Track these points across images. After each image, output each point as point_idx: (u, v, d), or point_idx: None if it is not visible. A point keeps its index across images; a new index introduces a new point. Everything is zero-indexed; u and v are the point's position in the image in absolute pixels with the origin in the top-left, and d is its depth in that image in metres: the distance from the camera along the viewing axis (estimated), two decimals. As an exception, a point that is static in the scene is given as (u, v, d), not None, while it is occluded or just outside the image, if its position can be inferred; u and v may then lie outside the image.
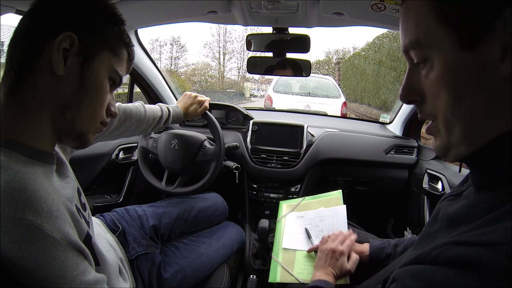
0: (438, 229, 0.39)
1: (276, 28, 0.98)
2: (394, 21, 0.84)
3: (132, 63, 0.57)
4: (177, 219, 0.98)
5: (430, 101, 0.37)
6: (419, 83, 0.37)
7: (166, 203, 1.03)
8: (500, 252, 0.27)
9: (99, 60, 0.48)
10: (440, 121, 0.36)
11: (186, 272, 0.87)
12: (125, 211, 0.93)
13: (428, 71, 0.35)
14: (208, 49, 17.71)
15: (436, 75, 0.34)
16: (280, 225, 0.99)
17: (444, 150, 0.38)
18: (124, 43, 0.52)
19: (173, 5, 0.92)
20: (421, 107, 0.39)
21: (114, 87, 0.53)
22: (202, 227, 1.05)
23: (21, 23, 0.46)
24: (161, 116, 0.96)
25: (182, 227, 0.99)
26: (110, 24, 0.50)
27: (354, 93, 9.63)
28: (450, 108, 0.34)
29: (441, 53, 0.34)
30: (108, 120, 0.55)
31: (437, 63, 0.34)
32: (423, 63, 0.36)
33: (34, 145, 0.45)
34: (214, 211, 1.09)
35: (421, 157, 1.36)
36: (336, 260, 0.73)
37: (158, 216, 0.94)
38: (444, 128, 0.36)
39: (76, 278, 0.42)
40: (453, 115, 0.34)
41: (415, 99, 0.39)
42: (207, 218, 1.06)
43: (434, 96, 0.35)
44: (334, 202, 1.00)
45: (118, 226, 0.86)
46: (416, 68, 0.37)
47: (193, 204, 1.05)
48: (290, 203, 1.07)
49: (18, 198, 0.39)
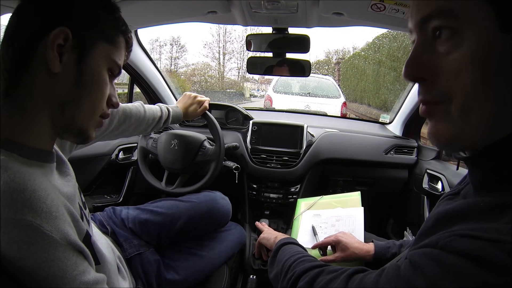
0: (436, 225, 0.39)
1: (276, 28, 0.98)
2: (394, 21, 0.84)
3: (131, 50, 0.55)
4: (161, 229, 0.90)
5: (446, 80, 0.33)
6: (431, 59, 0.34)
7: (154, 207, 0.94)
8: (502, 250, 0.27)
9: (96, 52, 0.47)
10: (457, 103, 0.32)
11: (187, 273, 0.87)
12: (112, 212, 0.92)
13: (454, 46, 0.32)
14: (208, 49, 17.70)
15: (465, 52, 0.31)
16: (296, 223, 1.00)
17: (448, 139, 0.35)
18: (120, 30, 0.50)
19: (173, 5, 0.91)
20: (429, 87, 0.35)
21: (113, 77, 0.52)
22: (196, 235, 0.97)
23: (11, 22, 0.44)
24: (160, 116, 0.95)
25: (168, 238, 0.91)
26: (105, 13, 0.48)
27: (354, 93, 9.63)
28: (475, 88, 0.31)
29: (478, 30, 0.31)
30: (109, 111, 0.53)
31: (469, 39, 0.31)
32: (447, 37, 0.32)
33: (33, 145, 0.45)
34: (208, 220, 0.98)
35: (421, 157, 1.36)
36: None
37: (140, 224, 0.88)
38: (459, 112, 0.32)
39: (76, 278, 0.42)
40: (476, 97, 0.31)
41: (423, 77, 0.35)
42: (199, 228, 0.97)
43: (454, 74, 0.32)
44: (352, 203, 1.00)
45: (106, 228, 0.85)
46: (431, 42, 0.34)
47: (182, 213, 0.93)
48: (308, 201, 1.08)
49: (17, 198, 0.38)
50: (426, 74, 0.35)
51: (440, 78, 0.34)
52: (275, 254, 0.67)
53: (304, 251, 0.65)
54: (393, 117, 1.57)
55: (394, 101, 6.01)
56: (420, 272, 0.32)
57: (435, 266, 0.31)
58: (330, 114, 3.98)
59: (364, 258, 0.77)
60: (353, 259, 0.78)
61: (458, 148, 0.36)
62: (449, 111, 0.33)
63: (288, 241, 0.70)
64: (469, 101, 0.32)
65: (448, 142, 0.35)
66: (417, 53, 0.35)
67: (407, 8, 0.77)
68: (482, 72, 0.31)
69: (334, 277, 0.48)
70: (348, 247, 0.78)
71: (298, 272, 0.55)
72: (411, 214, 1.33)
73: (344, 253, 0.78)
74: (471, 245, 0.29)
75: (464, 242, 0.30)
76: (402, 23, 0.85)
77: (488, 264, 0.27)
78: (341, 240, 0.79)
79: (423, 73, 0.35)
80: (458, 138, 0.34)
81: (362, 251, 0.77)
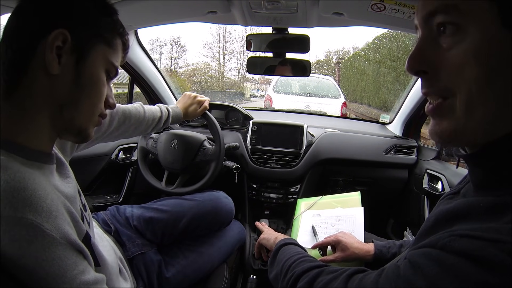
0: (436, 225, 0.39)
1: (276, 28, 0.98)
2: (394, 21, 0.84)
3: (128, 52, 0.56)
4: (165, 227, 0.91)
5: (448, 74, 0.34)
6: (434, 54, 0.35)
7: (158, 205, 0.96)
8: (502, 250, 0.27)
9: (94, 54, 0.47)
10: (461, 98, 0.33)
11: (187, 271, 0.87)
12: (116, 210, 0.92)
13: (457, 41, 0.33)
14: (208, 49, 17.66)
15: (467, 47, 0.32)
16: (296, 223, 1.00)
17: (451, 134, 0.35)
18: (118, 33, 0.51)
19: (173, 5, 0.92)
20: (431, 81, 0.36)
21: (110, 78, 0.52)
22: (198, 235, 0.98)
23: (10, 23, 0.45)
24: (160, 117, 0.95)
25: (172, 236, 0.92)
26: (103, 15, 0.49)
27: (354, 93, 9.63)
28: (478, 83, 0.32)
29: (481, 26, 0.31)
30: (109, 112, 0.54)
31: (472, 35, 0.32)
32: (451, 32, 0.33)
33: (32, 146, 0.45)
34: (212, 218, 0.99)
35: (421, 157, 1.36)
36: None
37: (144, 222, 0.89)
38: (464, 107, 0.33)
39: (76, 277, 0.42)
40: (479, 92, 0.32)
41: (425, 71, 0.36)
42: (202, 227, 0.97)
43: (456, 68, 0.33)
44: (352, 203, 1.00)
45: (110, 227, 0.85)
46: (435, 37, 0.35)
47: (186, 211, 0.95)
48: (308, 201, 1.08)
49: (18, 197, 0.38)
50: (428, 67, 0.36)
51: (442, 72, 0.34)
52: (275, 255, 0.67)
53: (304, 252, 0.65)
54: (393, 117, 1.57)
55: (394, 101, 6.01)
56: (420, 272, 0.32)
57: (435, 266, 0.31)
58: (330, 114, 3.97)
59: (364, 258, 0.77)
60: (353, 259, 0.78)
61: (459, 143, 0.37)
62: (455, 108, 0.34)
63: (288, 242, 0.70)
64: (472, 97, 0.32)
65: (451, 138, 0.35)
66: (421, 47, 0.36)
67: (407, 8, 0.78)
68: (484, 68, 0.31)
69: (334, 277, 0.48)
70: (348, 247, 0.78)
71: (298, 272, 0.55)
72: (411, 214, 1.33)
73: (344, 253, 0.78)
74: (471, 245, 0.29)
75: (464, 242, 0.30)
76: (402, 23, 0.85)
77: (488, 264, 0.27)
78: (341, 240, 0.79)
79: (425, 66, 0.36)
80: (461, 134, 0.34)
81: (362, 251, 0.77)
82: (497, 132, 0.33)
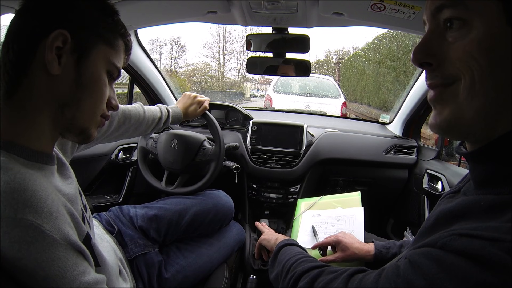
0: (436, 224, 0.39)
1: (275, 28, 0.98)
2: (394, 21, 0.84)
3: (130, 53, 0.56)
4: (169, 224, 0.92)
5: (452, 64, 0.35)
6: (439, 47, 0.36)
7: (162, 204, 0.98)
8: (502, 248, 0.27)
9: (95, 54, 0.47)
10: (465, 82, 0.34)
11: (186, 272, 0.88)
12: (119, 211, 0.93)
13: (463, 34, 0.34)
14: (208, 49, 17.68)
15: (472, 38, 0.33)
16: (296, 223, 1.00)
17: (450, 123, 0.36)
18: (119, 34, 0.51)
19: (173, 5, 0.92)
20: (436, 71, 0.37)
21: (113, 80, 0.52)
22: (200, 233, 0.99)
23: (12, 24, 0.45)
24: (160, 117, 0.95)
25: (174, 234, 0.94)
26: (103, 15, 0.48)
27: (354, 93, 9.63)
28: (480, 72, 0.33)
29: (486, 21, 0.32)
30: (109, 113, 0.54)
31: (477, 29, 0.33)
32: (457, 27, 0.34)
33: (34, 147, 0.45)
34: (214, 216, 1.01)
35: (421, 157, 1.36)
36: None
37: (149, 220, 0.90)
38: (466, 92, 0.34)
39: (76, 278, 0.42)
40: (481, 81, 0.33)
41: (429, 62, 0.37)
42: (205, 224, 0.99)
43: (460, 58, 0.34)
44: (352, 203, 1.00)
45: (113, 227, 0.86)
46: (442, 31, 0.36)
47: (189, 208, 0.97)
48: (308, 201, 1.08)
49: (18, 198, 0.38)
50: (433, 59, 0.37)
51: (446, 62, 0.35)
52: (276, 255, 0.68)
53: (305, 252, 0.66)
54: (393, 117, 1.57)
55: (394, 101, 6.01)
56: (419, 272, 0.32)
57: (435, 265, 0.31)
58: (330, 114, 3.97)
59: (364, 258, 0.77)
60: (353, 259, 0.78)
61: (458, 135, 0.37)
62: (457, 93, 0.35)
63: (289, 243, 0.70)
64: (475, 83, 0.33)
65: (450, 128, 0.36)
66: (427, 39, 0.37)
67: (407, 8, 0.78)
68: (486, 59, 0.32)
69: (334, 277, 0.48)
70: (348, 247, 0.78)
71: (298, 272, 0.55)
72: (411, 214, 1.33)
73: (344, 253, 0.78)
74: (471, 244, 0.29)
75: (464, 241, 0.30)
76: (402, 23, 0.85)
77: (487, 263, 0.27)
78: (341, 240, 0.79)
79: (430, 58, 0.37)
80: (460, 123, 0.35)
81: (362, 251, 0.77)
82: (496, 128, 0.33)
